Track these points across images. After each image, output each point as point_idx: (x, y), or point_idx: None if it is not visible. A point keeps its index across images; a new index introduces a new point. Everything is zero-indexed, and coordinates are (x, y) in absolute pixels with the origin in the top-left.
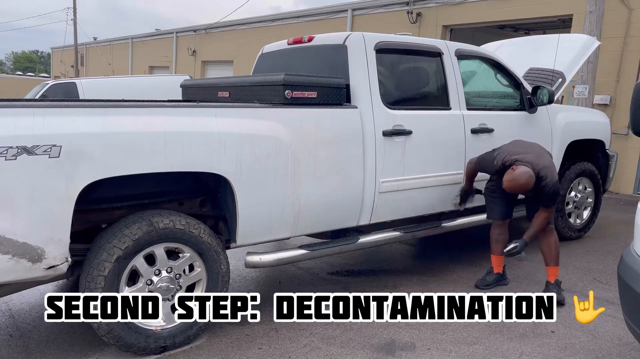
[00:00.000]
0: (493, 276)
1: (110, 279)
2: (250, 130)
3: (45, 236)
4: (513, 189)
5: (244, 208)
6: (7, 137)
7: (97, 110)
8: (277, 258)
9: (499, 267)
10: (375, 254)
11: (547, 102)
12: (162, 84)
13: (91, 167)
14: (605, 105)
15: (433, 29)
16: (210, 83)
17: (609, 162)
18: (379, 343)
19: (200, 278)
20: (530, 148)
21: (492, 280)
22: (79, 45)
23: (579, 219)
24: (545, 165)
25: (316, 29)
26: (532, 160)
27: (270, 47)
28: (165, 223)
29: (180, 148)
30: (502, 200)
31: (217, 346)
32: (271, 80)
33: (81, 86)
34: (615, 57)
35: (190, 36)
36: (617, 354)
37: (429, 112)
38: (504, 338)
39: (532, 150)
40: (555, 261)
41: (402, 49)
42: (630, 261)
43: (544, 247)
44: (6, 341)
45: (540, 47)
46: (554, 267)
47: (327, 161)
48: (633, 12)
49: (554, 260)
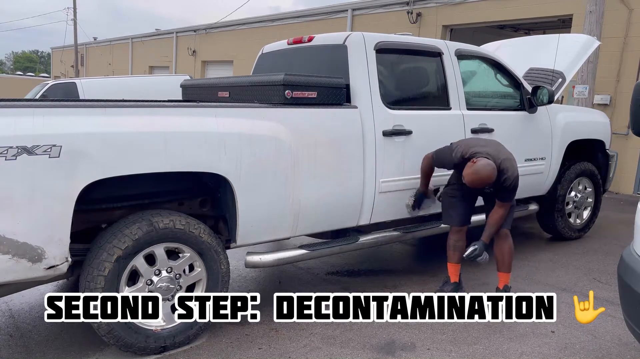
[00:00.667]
0: (450, 286)
1: (110, 279)
2: (250, 130)
3: (46, 236)
4: (475, 182)
5: (244, 208)
6: (7, 137)
7: (97, 110)
8: (277, 258)
9: (456, 276)
10: (375, 254)
11: (547, 102)
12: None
13: (91, 167)
14: (605, 105)
15: (433, 29)
16: (210, 83)
17: (609, 162)
18: (379, 343)
19: (200, 278)
20: (488, 142)
21: (450, 290)
22: (79, 45)
23: (579, 219)
24: (506, 158)
25: (316, 29)
26: (492, 152)
27: (270, 47)
28: (165, 223)
29: (180, 148)
30: (461, 205)
31: (217, 346)
32: (271, 80)
33: (81, 86)
34: (615, 57)
35: (190, 36)
36: (617, 354)
37: (429, 112)
38: (504, 338)
39: (490, 144)
40: (506, 267)
41: (402, 49)
42: (630, 261)
43: (497, 253)
44: (6, 341)
45: (540, 47)
46: (505, 274)
47: (327, 161)
48: (633, 12)
49: (505, 266)
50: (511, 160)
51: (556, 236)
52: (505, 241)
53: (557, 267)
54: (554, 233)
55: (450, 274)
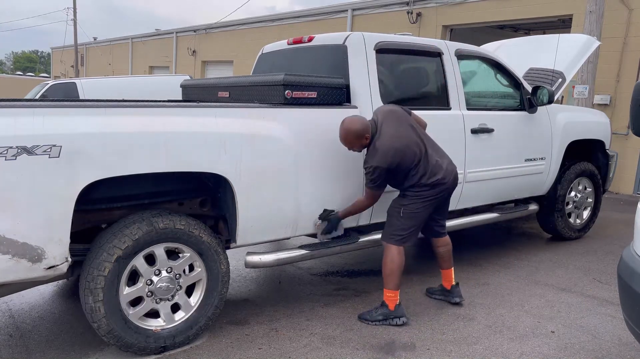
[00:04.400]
0: (379, 310)
1: (110, 279)
2: (250, 130)
3: (45, 236)
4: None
5: (243, 208)
6: (7, 137)
7: (97, 110)
8: (277, 258)
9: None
10: (375, 254)
11: (547, 102)
12: (162, 84)
13: (91, 167)
14: (605, 105)
15: (433, 29)
16: (210, 83)
17: (609, 162)
18: (379, 343)
19: (200, 278)
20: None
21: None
22: (79, 45)
23: (579, 219)
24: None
25: (316, 29)
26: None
27: (270, 47)
28: (165, 223)
29: (180, 149)
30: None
31: (217, 346)
32: (271, 80)
33: (81, 86)
34: (615, 57)
35: (190, 36)
36: (617, 354)
37: (429, 112)
38: (504, 338)
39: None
40: (385, 282)
41: (402, 49)
42: (630, 261)
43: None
44: (6, 341)
45: (540, 47)
46: (385, 289)
47: (327, 161)
48: (633, 12)
49: (384, 281)
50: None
51: (556, 236)
52: (386, 254)
53: (557, 267)
54: (554, 233)
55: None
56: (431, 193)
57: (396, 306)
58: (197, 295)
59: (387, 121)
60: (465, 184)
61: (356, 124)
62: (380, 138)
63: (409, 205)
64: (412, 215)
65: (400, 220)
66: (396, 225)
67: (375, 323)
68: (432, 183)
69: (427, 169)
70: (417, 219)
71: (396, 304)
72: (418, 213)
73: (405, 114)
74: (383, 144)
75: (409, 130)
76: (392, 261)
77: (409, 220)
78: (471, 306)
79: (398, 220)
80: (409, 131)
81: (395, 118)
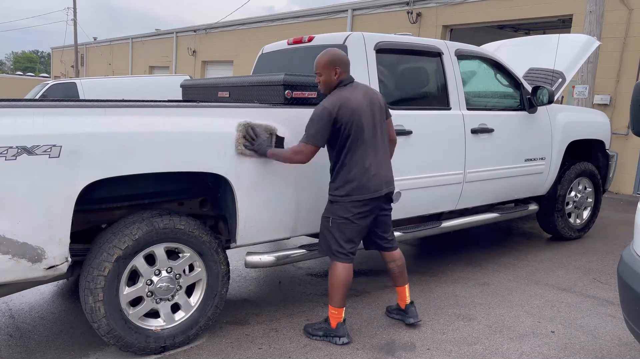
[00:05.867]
0: (321, 325)
1: (110, 279)
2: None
3: (45, 236)
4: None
5: (243, 208)
6: (7, 137)
7: (97, 110)
8: (277, 258)
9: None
10: (375, 254)
11: (547, 102)
12: (162, 84)
13: (91, 167)
14: (605, 105)
15: (433, 29)
16: (210, 83)
17: (609, 162)
18: (379, 343)
19: (200, 278)
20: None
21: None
22: (79, 45)
23: (579, 219)
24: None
25: (316, 29)
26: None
27: (270, 47)
28: (165, 223)
29: (180, 148)
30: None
31: (217, 346)
32: (271, 80)
33: (81, 86)
34: (615, 57)
35: (190, 36)
36: (617, 354)
37: (429, 112)
38: (504, 338)
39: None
40: (329, 298)
41: (402, 49)
42: (630, 261)
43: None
44: (6, 341)
45: (540, 47)
46: (329, 306)
47: (327, 161)
48: (633, 12)
49: (329, 297)
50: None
51: (556, 236)
52: (331, 272)
53: (557, 267)
54: (554, 233)
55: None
56: (354, 205)
57: (339, 324)
58: (197, 295)
59: (362, 93)
60: (465, 184)
61: (340, 54)
62: (343, 89)
63: (336, 213)
64: (342, 227)
65: (332, 231)
66: (330, 238)
67: (316, 337)
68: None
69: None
70: (350, 232)
71: (339, 322)
72: (347, 225)
73: (382, 112)
74: (342, 93)
75: (371, 116)
76: (338, 278)
77: (341, 232)
78: (471, 306)
79: (329, 231)
80: (369, 114)
81: (369, 101)
